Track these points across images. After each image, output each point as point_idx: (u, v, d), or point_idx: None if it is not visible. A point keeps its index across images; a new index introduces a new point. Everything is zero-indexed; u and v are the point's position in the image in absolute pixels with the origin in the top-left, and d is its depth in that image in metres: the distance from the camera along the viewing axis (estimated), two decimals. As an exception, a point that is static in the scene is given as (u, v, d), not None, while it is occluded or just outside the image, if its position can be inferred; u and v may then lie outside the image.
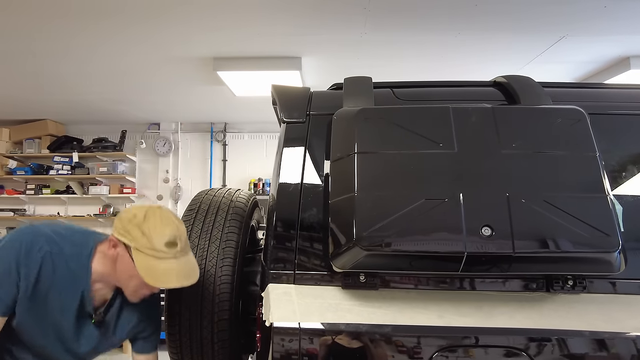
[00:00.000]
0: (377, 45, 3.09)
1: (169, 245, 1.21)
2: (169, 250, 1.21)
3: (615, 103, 1.36)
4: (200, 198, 1.63)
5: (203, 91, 4.26)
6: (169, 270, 1.21)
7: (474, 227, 0.94)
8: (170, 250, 1.21)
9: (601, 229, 0.95)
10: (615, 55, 3.33)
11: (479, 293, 1.08)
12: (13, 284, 1.19)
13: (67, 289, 1.26)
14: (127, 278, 1.26)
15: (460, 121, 1.07)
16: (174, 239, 1.22)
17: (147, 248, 1.20)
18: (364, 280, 1.07)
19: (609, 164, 1.18)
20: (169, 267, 1.21)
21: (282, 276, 1.14)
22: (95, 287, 1.30)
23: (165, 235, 1.22)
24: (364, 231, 0.96)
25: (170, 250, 1.21)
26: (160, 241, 1.21)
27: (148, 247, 1.20)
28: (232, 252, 1.43)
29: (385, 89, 1.38)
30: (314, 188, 1.21)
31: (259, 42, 3.07)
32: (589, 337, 1.03)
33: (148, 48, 3.17)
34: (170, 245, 1.21)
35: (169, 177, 5.80)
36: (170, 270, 1.21)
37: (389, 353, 1.03)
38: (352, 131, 1.09)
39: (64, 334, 1.30)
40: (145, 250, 1.21)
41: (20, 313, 1.22)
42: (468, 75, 3.59)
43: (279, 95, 1.38)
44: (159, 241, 1.21)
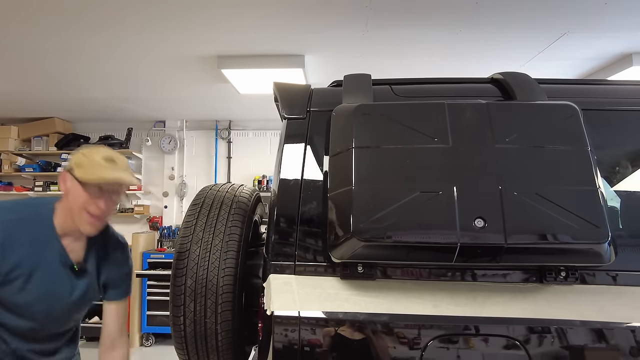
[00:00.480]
0: (379, 43, 3.12)
1: (108, 159, 1.32)
2: (106, 163, 1.31)
3: (611, 99, 1.39)
4: (205, 193, 1.67)
5: (208, 89, 4.30)
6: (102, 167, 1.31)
7: (467, 219, 0.97)
8: (108, 163, 1.31)
9: (591, 221, 0.98)
10: (617, 52, 3.33)
11: (474, 283, 1.11)
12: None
13: (41, 249, 1.34)
14: (77, 205, 1.32)
15: (455, 117, 1.10)
16: (112, 157, 1.34)
17: (88, 165, 1.30)
18: (361, 271, 1.11)
19: (602, 159, 1.21)
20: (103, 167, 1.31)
21: (283, 267, 1.18)
22: (65, 242, 1.38)
23: (103, 152, 1.34)
24: (361, 223, 1.00)
25: (108, 164, 1.31)
26: (98, 156, 1.32)
27: (88, 164, 1.31)
28: (235, 246, 1.47)
29: (384, 85, 1.41)
30: (313, 182, 1.24)
31: (263, 40, 3.10)
32: (581, 327, 1.06)
33: (154, 47, 3.22)
34: (109, 160, 1.32)
35: (175, 174, 5.85)
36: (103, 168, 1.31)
37: (385, 341, 1.06)
38: (350, 126, 1.13)
39: (51, 287, 1.37)
40: (86, 165, 1.30)
41: None
42: (469, 73, 3.60)
43: (281, 92, 1.41)
44: (97, 156, 1.32)
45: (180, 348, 1.55)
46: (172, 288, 1.45)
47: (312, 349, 1.08)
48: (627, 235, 1.15)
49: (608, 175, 1.22)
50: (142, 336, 5.11)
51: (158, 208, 5.90)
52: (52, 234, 1.36)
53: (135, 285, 5.10)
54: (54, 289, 1.38)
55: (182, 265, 1.46)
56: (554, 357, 1.05)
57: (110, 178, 1.31)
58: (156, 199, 5.94)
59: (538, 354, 1.05)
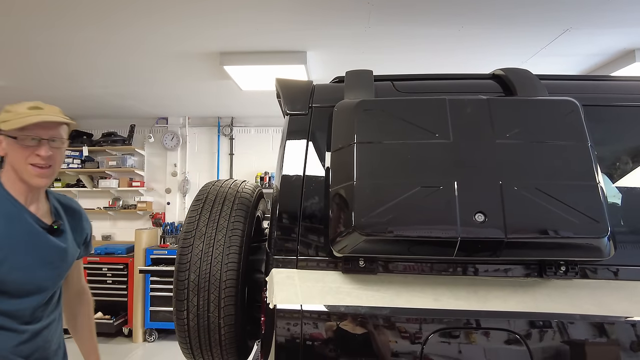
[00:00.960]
0: (381, 39, 3.12)
1: (32, 107, 1.33)
2: (31, 110, 1.33)
3: (612, 95, 1.39)
4: (208, 189, 1.68)
5: (210, 86, 4.31)
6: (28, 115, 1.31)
7: (467, 213, 0.98)
8: (33, 110, 1.33)
9: (591, 216, 0.98)
10: (620, 48, 3.32)
11: (475, 278, 1.12)
12: None
13: (13, 225, 1.34)
14: (19, 161, 1.34)
15: (456, 112, 1.11)
16: (36, 104, 1.34)
17: (13, 117, 1.31)
18: (363, 265, 1.12)
19: (602, 154, 1.21)
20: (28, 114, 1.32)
21: (285, 262, 1.19)
22: (32, 209, 1.40)
23: (27, 103, 1.35)
24: (363, 217, 1.01)
25: (34, 110, 1.33)
26: (22, 107, 1.33)
27: (13, 116, 1.31)
28: (238, 241, 1.49)
29: (385, 81, 1.42)
30: (315, 177, 1.25)
31: (265, 37, 3.10)
32: (580, 321, 1.07)
33: (155, 43, 3.22)
34: (34, 108, 1.33)
35: (177, 171, 5.88)
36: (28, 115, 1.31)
37: (386, 334, 1.08)
38: (351, 122, 1.13)
39: (42, 255, 1.40)
40: (11, 118, 1.31)
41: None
42: (472, 69, 3.59)
43: (283, 88, 1.42)
44: (21, 108, 1.33)
45: (184, 342, 1.57)
46: (176, 283, 1.47)
47: (314, 342, 1.09)
48: (626, 230, 1.16)
49: (608, 171, 1.23)
50: (146, 332, 5.15)
51: (161, 204, 5.93)
52: (15, 205, 1.37)
53: (139, 281, 5.13)
54: (45, 256, 1.41)
55: (185, 260, 1.48)
56: (554, 351, 1.06)
57: (37, 120, 1.31)
58: (159, 196, 5.97)
59: (538, 348, 1.06)
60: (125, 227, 5.91)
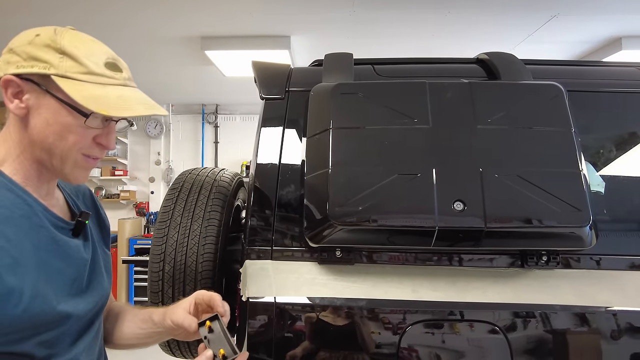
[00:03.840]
0: (366, 24, 3.05)
1: (111, 67, 0.82)
2: (113, 73, 0.82)
3: (598, 81, 1.36)
4: (184, 177, 1.62)
5: (192, 71, 4.21)
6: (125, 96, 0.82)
7: (446, 202, 0.94)
8: (115, 74, 0.82)
9: (572, 204, 0.95)
10: (607, 36, 3.31)
11: (454, 268, 1.09)
12: None
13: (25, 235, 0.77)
14: (59, 135, 0.79)
15: (436, 96, 1.06)
16: (113, 59, 0.84)
17: (80, 73, 0.78)
18: (339, 255, 1.08)
19: (586, 141, 1.18)
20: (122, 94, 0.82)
21: (260, 252, 1.15)
22: (47, 203, 0.84)
23: (98, 53, 0.81)
24: (338, 206, 0.97)
25: (116, 74, 0.82)
26: (96, 61, 0.80)
27: (81, 72, 0.78)
28: (214, 231, 1.44)
29: (366, 65, 1.37)
30: (291, 165, 1.20)
31: (247, 20, 3.02)
32: (561, 312, 1.05)
33: (134, 26, 3.12)
34: (113, 68, 0.83)
35: (161, 159, 5.78)
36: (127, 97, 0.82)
37: (363, 326, 1.04)
38: (327, 107, 1.08)
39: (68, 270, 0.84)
40: (77, 75, 0.77)
41: None
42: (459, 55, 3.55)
43: (259, 71, 1.36)
44: (94, 61, 0.79)
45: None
46: (150, 274, 1.42)
47: (288, 335, 1.06)
48: (608, 219, 1.13)
49: (592, 158, 1.20)
50: (130, 322, 5.09)
51: (144, 194, 5.83)
52: (25, 202, 0.79)
53: (122, 272, 5.06)
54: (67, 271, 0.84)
55: (159, 251, 1.43)
56: (534, 341, 1.04)
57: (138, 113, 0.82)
58: (142, 185, 5.87)
59: (517, 338, 1.03)
60: (108, 216, 5.64)
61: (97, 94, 0.78)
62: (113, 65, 0.83)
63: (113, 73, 0.82)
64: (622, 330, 1.03)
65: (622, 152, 1.24)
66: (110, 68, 0.82)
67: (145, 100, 0.86)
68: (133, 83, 0.88)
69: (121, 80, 0.83)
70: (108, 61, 0.83)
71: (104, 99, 0.78)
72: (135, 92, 0.86)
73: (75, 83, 0.77)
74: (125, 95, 0.82)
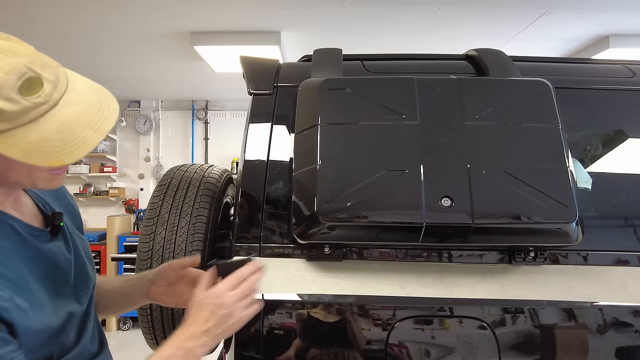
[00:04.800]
0: (357, 20, 3.04)
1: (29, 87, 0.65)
2: (36, 98, 0.65)
3: (585, 78, 1.36)
4: (171, 174, 1.60)
5: (181, 67, 4.16)
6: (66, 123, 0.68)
7: (433, 198, 0.94)
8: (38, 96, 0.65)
9: (559, 200, 0.96)
10: (595, 34, 3.34)
11: (442, 264, 1.09)
12: None
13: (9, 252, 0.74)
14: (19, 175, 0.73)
15: (424, 92, 1.06)
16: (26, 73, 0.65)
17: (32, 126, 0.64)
18: (328, 252, 1.07)
19: (574, 138, 1.19)
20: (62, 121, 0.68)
21: (248, 249, 1.14)
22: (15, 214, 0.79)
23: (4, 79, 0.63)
24: (326, 203, 0.96)
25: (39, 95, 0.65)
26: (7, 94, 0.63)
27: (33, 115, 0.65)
28: (202, 228, 1.42)
29: (355, 61, 1.36)
30: (280, 161, 1.19)
31: (237, 16, 2.99)
32: (548, 307, 1.05)
33: (122, 21, 3.07)
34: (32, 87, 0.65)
35: (150, 156, 5.72)
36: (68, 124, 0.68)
37: (351, 323, 1.04)
38: (316, 102, 1.07)
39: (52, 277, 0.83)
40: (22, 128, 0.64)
41: None
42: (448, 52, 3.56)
43: (247, 66, 1.34)
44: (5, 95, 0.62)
45: (148, 332, 1.52)
46: (137, 271, 1.40)
47: (276, 332, 1.05)
48: (594, 215, 1.14)
49: (579, 155, 1.21)
50: (120, 320, 5.05)
51: (134, 190, 5.78)
52: (3, 221, 0.76)
53: (111, 269, 5.01)
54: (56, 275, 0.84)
55: (147, 248, 1.41)
56: (521, 337, 1.04)
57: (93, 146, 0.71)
58: (132, 181, 5.81)
59: (505, 334, 1.04)
60: (97, 213, 5.73)
61: (34, 140, 0.65)
62: (31, 83, 0.64)
63: (35, 97, 0.64)
64: (608, 325, 1.04)
65: (608, 148, 1.25)
66: (29, 90, 0.64)
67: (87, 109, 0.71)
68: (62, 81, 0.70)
69: (51, 99, 0.66)
70: (22, 82, 0.63)
71: (45, 143, 0.65)
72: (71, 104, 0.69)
73: (4, 137, 0.63)
74: (66, 122, 0.67)
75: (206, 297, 0.86)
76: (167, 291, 1.08)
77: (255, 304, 0.90)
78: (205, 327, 0.84)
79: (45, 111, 0.67)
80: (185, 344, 0.82)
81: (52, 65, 0.70)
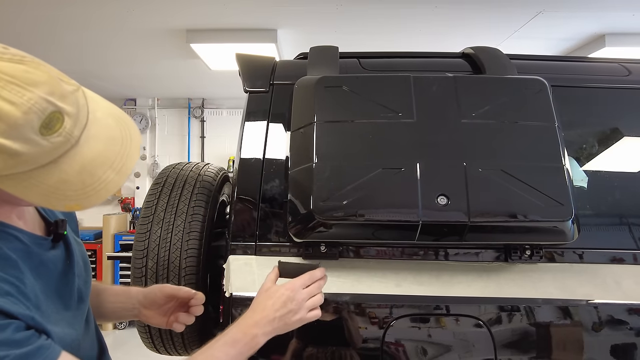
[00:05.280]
0: (354, 18, 3.04)
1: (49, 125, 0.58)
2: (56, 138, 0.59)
3: (582, 76, 1.37)
4: (167, 172, 1.60)
5: (177, 65, 4.14)
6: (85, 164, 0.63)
7: (429, 196, 0.93)
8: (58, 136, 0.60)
9: (555, 198, 0.96)
10: (591, 33, 3.34)
11: (438, 263, 1.09)
12: None
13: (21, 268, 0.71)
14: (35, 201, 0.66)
15: (421, 90, 1.05)
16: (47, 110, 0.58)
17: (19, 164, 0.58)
18: (324, 250, 1.07)
19: (571, 136, 1.19)
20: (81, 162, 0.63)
21: (244, 248, 1.13)
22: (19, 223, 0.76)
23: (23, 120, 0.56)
24: (322, 201, 0.96)
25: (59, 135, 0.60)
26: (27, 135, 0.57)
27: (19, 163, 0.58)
28: (198, 226, 1.42)
29: (351, 59, 1.36)
30: (276, 159, 1.19)
31: (234, 13, 2.97)
32: (543, 305, 1.05)
33: (118, 18, 3.05)
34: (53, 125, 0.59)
35: (146, 154, 5.69)
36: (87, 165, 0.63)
37: (347, 321, 1.04)
38: (312, 100, 1.07)
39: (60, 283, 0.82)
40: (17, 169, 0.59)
41: None
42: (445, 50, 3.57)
43: (243, 63, 1.34)
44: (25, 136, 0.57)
45: (143, 332, 1.51)
46: (133, 270, 1.40)
47: (272, 331, 1.04)
48: (590, 213, 1.14)
49: (575, 153, 1.21)
50: (115, 319, 5.03)
51: (130, 189, 5.75)
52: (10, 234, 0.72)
53: (107, 268, 4.99)
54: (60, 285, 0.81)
55: (142, 247, 1.41)
56: (517, 335, 1.04)
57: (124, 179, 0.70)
58: (128, 180, 5.77)
59: (500, 332, 1.04)
60: (93, 212, 5.68)
61: (52, 182, 0.61)
62: (51, 120, 0.58)
63: (56, 136, 0.59)
64: (603, 323, 1.05)
65: (604, 147, 1.25)
66: (49, 128, 0.58)
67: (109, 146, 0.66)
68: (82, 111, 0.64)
69: (72, 137, 0.61)
70: (42, 121, 0.57)
71: (64, 186, 0.61)
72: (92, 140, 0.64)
73: (15, 180, 0.59)
74: (86, 163, 0.63)
75: (280, 287, 0.90)
76: (157, 313, 1.09)
77: (317, 309, 0.92)
78: (274, 315, 0.86)
79: (65, 151, 0.61)
80: (252, 330, 0.84)
81: (71, 90, 0.63)
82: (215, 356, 0.80)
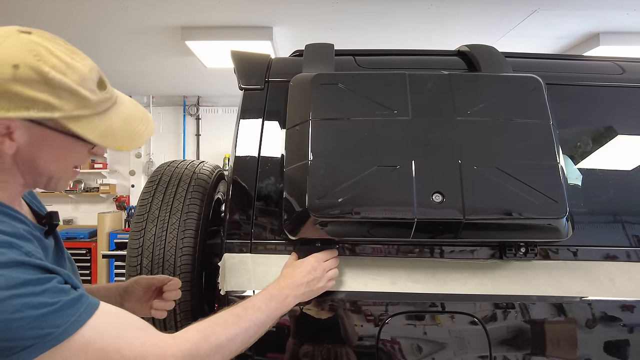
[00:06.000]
0: (349, 16, 3.03)
1: (102, 85, 0.79)
2: (106, 94, 0.79)
3: (577, 74, 1.37)
4: (162, 170, 1.59)
5: (173, 62, 4.12)
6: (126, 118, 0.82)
7: (424, 194, 0.93)
8: (107, 93, 0.80)
9: (550, 196, 0.96)
10: (585, 31, 3.36)
11: (433, 260, 1.09)
12: None
13: None
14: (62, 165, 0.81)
15: (416, 88, 1.05)
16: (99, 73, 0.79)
17: (82, 107, 0.74)
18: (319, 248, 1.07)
19: (565, 133, 1.19)
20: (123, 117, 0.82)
21: (239, 246, 1.13)
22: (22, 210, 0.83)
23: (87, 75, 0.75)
24: (317, 198, 0.95)
25: (107, 92, 0.80)
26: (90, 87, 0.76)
27: (83, 106, 0.74)
28: (193, 224, 1.41)
29: (347, 56, 1.35)
30: (271, 157, 1.19)
31: (229, 10, 2.96)
32: (538, 302, 1.06)
33: (112, 16, 3.03)
34: (103, 85, 0.79)
35: (141, 152, 5.67)
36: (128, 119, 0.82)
37: (342, 319, 1.04)
38: (307, 97, 1.07)
39: None
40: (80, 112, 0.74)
41: None
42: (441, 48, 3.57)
43: (238, 61, 1.33)
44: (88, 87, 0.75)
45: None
46: (128, 268, 1.39)
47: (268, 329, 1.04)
48: (584, 210, 1.15)
49: (569, 151, 1.21)
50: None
51: (125, 187, 5.73)
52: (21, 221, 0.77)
53: (102, 267, 4.97)
54: None
55: (137, 245, 1.40)
56: (512, 332, 1.05)
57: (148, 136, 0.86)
58: (123, 178, 5.76)
59: (495, 329, 1.04)
60: (88, 210, 5.68)
61: (104, 127, 0.78)
62: (102, 82, 0.80)
63: (105, 93, 0.79)
64: (596, 319, 1.05)
65: (598, 145, 1.25)
66: (102, 87, 0.79)
67: (135, 110, 0.86)
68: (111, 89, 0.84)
69: (113, 98, 0.82)
70: (99, 80, 0.79)
71: (112, 132, 0.80)
72: (124, 104, 0.85)
73: (82, 121, 0.75)
74: (125, 117, 0.83)
75: (305, 259, 1.01)
76: (138, 303, 1.13)
77: (334, 280, 1.03)
78: (302, 280, 0.97)
79: (111, 105, 0.81)
80: (286, 290, 0.95)
81: None
82: (257, 305, 0.90)
